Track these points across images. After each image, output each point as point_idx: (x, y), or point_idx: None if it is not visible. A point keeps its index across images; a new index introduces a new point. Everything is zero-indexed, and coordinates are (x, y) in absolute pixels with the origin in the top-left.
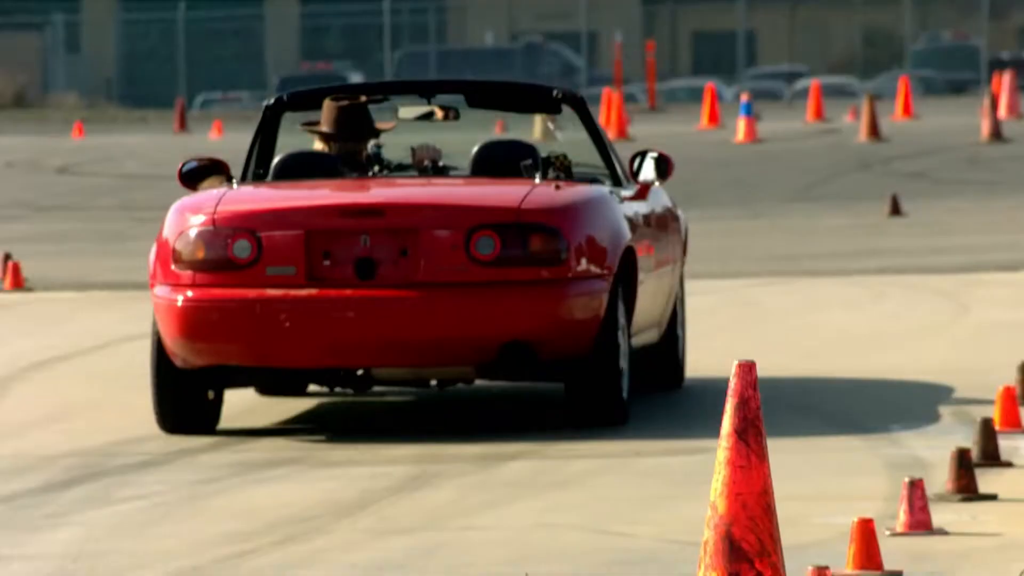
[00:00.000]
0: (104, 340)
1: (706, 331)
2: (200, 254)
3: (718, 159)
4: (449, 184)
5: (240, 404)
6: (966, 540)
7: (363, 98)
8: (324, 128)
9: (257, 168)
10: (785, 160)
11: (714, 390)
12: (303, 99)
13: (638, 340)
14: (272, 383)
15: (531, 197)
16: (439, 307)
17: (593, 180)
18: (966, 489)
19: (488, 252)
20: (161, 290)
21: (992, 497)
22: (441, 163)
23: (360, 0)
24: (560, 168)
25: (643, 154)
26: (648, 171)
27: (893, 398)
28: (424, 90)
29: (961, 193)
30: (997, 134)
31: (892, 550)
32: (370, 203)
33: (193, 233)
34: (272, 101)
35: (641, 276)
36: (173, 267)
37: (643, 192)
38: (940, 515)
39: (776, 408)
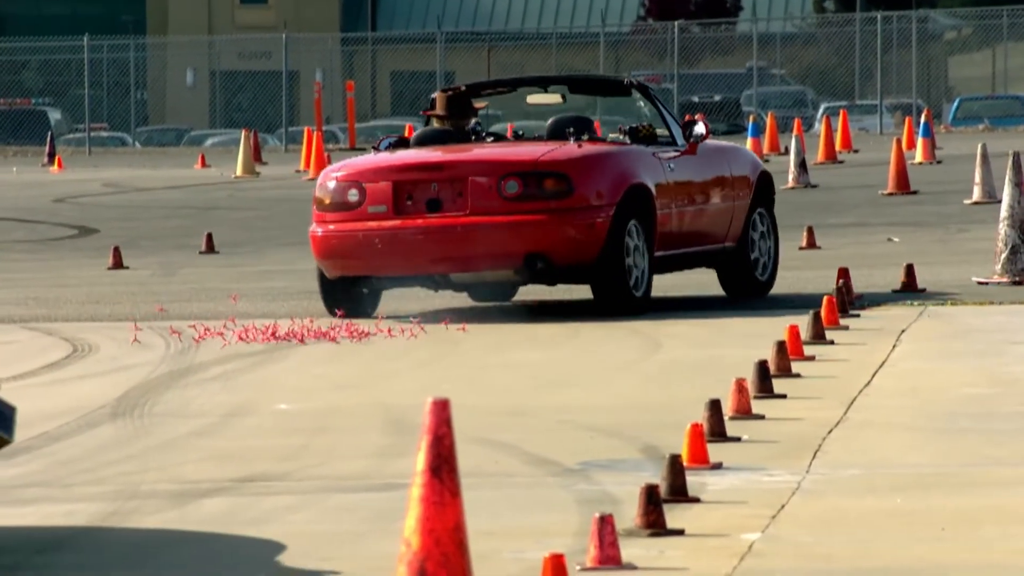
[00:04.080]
0: None
1: (404, 368)
2: (328, 200)
3: None
4: (497, 146)
5: None
6: (654, 574)
7: (463, 87)
8: (439, 112)
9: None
10: None
11: (413, 421)
12: (474, 88)
13: (683, 250)
14: (382, 287)
15: (552, 152)
16: (480, 230)
17: (653, 141)
18: (654, 524)
19: (513, 191)
20: (312, 227)
21: (680, 532)
22: (521, 132)
23: (59, 36)
24: (646, 133)
25: (692, 122)
26: (698, 132)
27: (585, 434)
28: (542, 83)
29: None
30: None
31: None
32: (434, 161)
33: (328, 186)
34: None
35: (667, 206)
36: (316, 210)
37: (692, 148)
38: (629, 550)
39: (470, 444)
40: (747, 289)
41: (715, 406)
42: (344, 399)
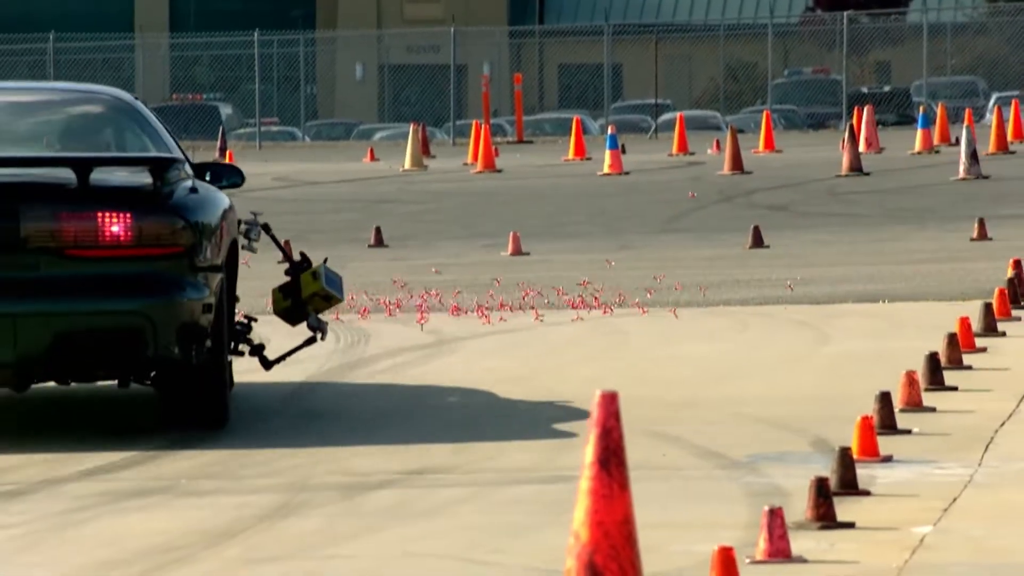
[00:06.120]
0: None
1: (572, 360)
2: None
3: (584, 190)
4: None
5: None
6: (824, 568)
7: None
8: None
9: None
10: (650, 192)
11: (581, 414)
12: None
13: None
14: None
15: None
16: None
17: None
18: (824, 517)
19: None
20: None
21: (850, 525)
22: None
23: (229, 32)
24: None
25: None
26: None
27: (754, 427)
28: None
29: (822, 225)
30: (857, 167)
31: None
32: None
33: None
34: None
35: None
36: None
37: None
38: (799, 543)
39: (638, 437)
40: None
41: (885, 399)
42: (513, 391)
